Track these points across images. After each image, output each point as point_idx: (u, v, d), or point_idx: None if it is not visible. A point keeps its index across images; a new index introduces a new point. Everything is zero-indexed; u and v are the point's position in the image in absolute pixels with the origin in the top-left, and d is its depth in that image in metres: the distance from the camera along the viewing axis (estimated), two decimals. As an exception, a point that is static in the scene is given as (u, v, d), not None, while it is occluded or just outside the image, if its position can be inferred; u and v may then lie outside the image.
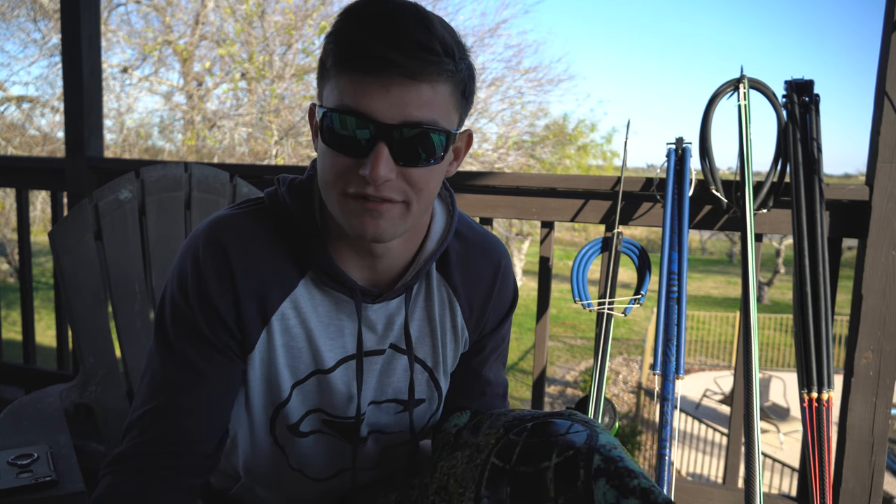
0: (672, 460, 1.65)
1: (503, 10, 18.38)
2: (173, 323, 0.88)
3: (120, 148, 11.32)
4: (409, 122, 0.76)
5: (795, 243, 1.67)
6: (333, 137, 0.78)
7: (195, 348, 0.88)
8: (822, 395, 1.62)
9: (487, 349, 1.05)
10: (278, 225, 0.90)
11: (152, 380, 0.90)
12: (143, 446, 0.87)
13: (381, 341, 0.95)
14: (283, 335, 0.91)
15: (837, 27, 79.11)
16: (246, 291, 0.87)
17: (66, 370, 2.68)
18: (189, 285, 0.87)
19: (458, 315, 0.99)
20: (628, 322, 15.20)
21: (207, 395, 0.89)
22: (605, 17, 78.82)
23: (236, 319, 0.88)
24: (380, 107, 0.75)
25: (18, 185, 2.64)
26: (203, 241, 0.88)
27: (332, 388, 0.94)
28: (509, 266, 1.04)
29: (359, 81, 0.75)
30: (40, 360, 2.92)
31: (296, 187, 0.91)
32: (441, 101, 0.78)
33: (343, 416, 0.97)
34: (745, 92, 1.74)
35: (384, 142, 0.76)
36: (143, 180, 1.55)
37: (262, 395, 0.94)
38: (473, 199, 2.06)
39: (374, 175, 0.76)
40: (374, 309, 0.93)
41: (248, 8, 10.06)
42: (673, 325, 1.69)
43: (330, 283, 0.90)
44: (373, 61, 0.74)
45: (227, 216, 0.90)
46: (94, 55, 2.48)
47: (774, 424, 8.20)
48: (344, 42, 0.76)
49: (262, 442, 0.98)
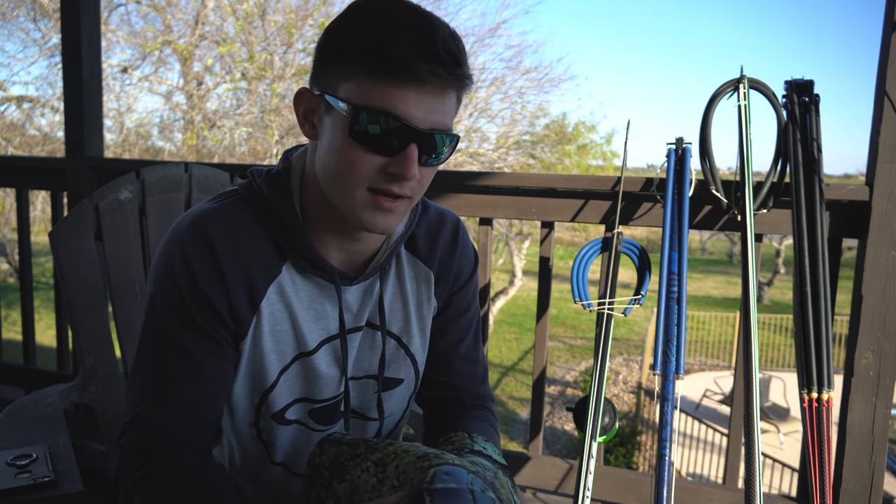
0: (672, 460, 1.65)
1: (503, 10, 18.38)
2: (168, 318, 0.90)
3: (120, 148, 11.31)
4: (437, 128, 0.83)
5: (795, 243, 1.67)
6: (364, 135, 0.81)
7: (192, 339, 0.90)
8: (822, 396, 1.61)
9: (454, 307, 1.09)
10: (257, 214, 0.93)
11: (150, 376, 0.91)
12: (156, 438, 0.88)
13: (357, 319, 1.00)
14: (269, 320, 0.94)
15: (837, 27, 79.12)
16: (235, 280, 0.90)
17: (66, 370, 2.68)
18: (180, 279, 0.88)
19: (431, 285, 1.05)
20: (628, 322, 15.20)
21: (208, 386, 0.91)
22: (606, 17, 78.83)
23: (228, 308, 0.90)
24: (415, 112, 0.81)
25: (18, 185, 2.64)
26: (188, 235, 0.90)
27: (315, 370, 0.97)
28: (464, 228, 1.11)
29: (396, 86, 0.80)
30: (40, 360, 2.92)
31: (272, 178, 0.94)
32: (454, 109, 0.86)
33: (327, 399, 1.00)
34: (745, 92, 1.74)
35: (416, 144, 0.82)
36: (144, 180, 1.55)
37: (247, 382, 0.96)
38: (473, 199, 2.06)
39: (408, 175, 0.82)
40: (351, 290, 0.98)
41: (249, 7, 10.06)
42: (673, 325, 1.69)
43: (310, 268, 0.94)
44: (413, 72, 0.79)
45: (207, 209, 0.93)
46: (94, 55, 2.48)
47: (774, 424, 8.20)
48: (383, 49, 0.79)
49: (245, 435, 1.01)
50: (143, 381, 0.91)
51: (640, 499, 2.00)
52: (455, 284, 1.08)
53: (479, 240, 2.14)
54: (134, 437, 0.89)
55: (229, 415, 0.99)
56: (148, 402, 0.90)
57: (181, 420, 0.90)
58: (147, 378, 0.91)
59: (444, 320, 1.09)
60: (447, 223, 1.07)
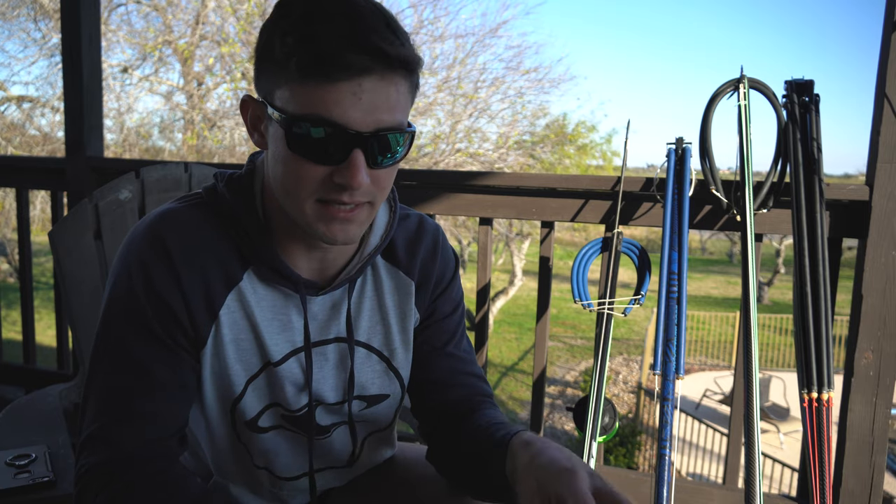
0: (672, 460, 1.65)
1: (504, 10, 18.38)
2: (125, 324, 0.85)
3: (120, 148, 11.31)
4: (381, 128, 0.76)
5: (795, 243, 1.67)
6: (302, 146, 0.76)
7: (148, 349, 0.85)
8: (822, 395, 1.61)
9: (438, 312, 1.03)
10: (219, 219, 0.88)
11: (104, 389, 0.86)
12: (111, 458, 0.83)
13: (324, 331, 0.95)
14: (230, 329, 0.89)
15: (837, 27, 79.12)
16: (191, 284, 0.85)
17: (66, 370, 2.68)
18: (136, 284, 0.84)
19: (412, 296, 0.99)
20: (628, 322, 15.19)
21: (165, 397, 0.86)
22: (606, 17, 78.83)
23: (187, 312, 0.86)
24: (352, 115, 0.74)
25: (18, 185, 2.64)
26: (145, 238, 0.86)
27: (282, 382, 0.93)
28: (443, 233, 1.05)
29: (328, 88, 0.73)
30: (40, 360, 2.92)
31: (234, 182, 0.89)
32: (403, 100, 0.78)
33: (296, 410, 0.96)
34: (745, 92, 1.74)
35: (359, 149, 0.76)
36: (144, 180, 1.55)
37: (214, 390, 0.92)
38: (473, 199, 2.06)
39: (354, 184, 0.76)
40: (317, 301, 0.93)
41: (249, 8, 10.06)
42: (673, 325, 1.69)
43: (274, 276, 0.89)
44: (342, 66, 0.72)
45: (166, 211, 0.88)
46: (94, 55, 2.48)
47: (774, 424, 8.20)
48: (307, 45, 0.73)
49: (224, 440, 0.97)
50: (98, 396, 0.86)
51: (640, 499, 2.00)
52: (437, 289, 1.03)
53: (479, 240, 2.14)
54: (91, 457, 0.84)
55: (205, 421, 0.96)
56: (104, 418, 0.84)
57: (140, 434, 0.85)
58: (102, 392, 0.85)
59: (431, 326, 1.03)
60: (427, 229, 1.02)
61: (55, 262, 1.47)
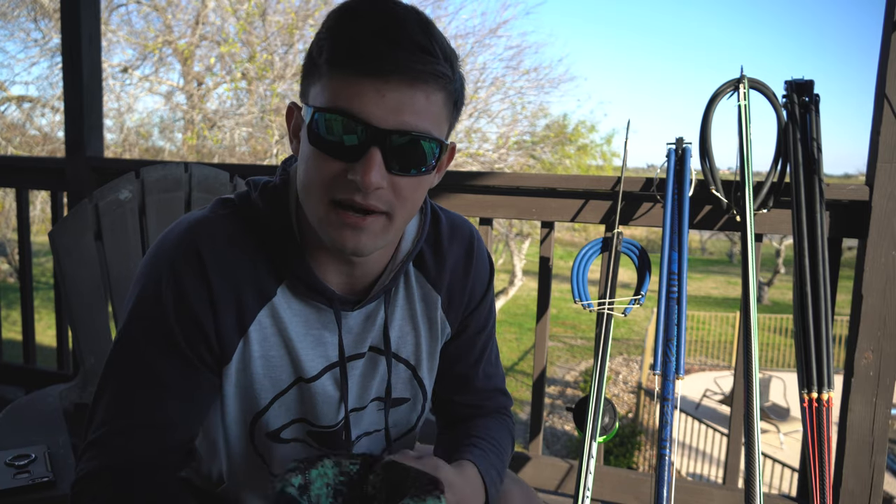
0: (672, 460, 1.65)
1: (504, 10, 18.37)
2: (147, 332, 0.83)
3: (120, 148, 11.30)
4: (403, 128, 0.74)
5: (795, 243, 1.67)
6: (322, 140, 0.75)
7: (167, 359, 0.83)
8: (822, 395, 1.61)
9: (471, 329, 1.02)
10: (253, 230, 0.86)
11: (116, 395, 0.84)
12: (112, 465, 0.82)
13: (359, 345, 0.93)
14: (260, 345, 0.87)
15: (837, 27, 79.11)
16: (223, 301, 0.83)
17: (66, 370, 2.68)
18: (166, 293, 0.82)
19: (438, 309, 0.97)
20: (628, 322, 15.19)
21: (176, 410, 0.84)
22: (606, 17, 78.81)
23: (215, 329, 0.84)
24: (374, 110, 0.72)
25: (18, 185, 2.64)
26: (178, 247, 0.83)
27: (316, 397, 0.91)
28: (480, 239, 1.02)
29: (353, 82, 0.72)
30: (40, 360, 2.92)
31: (269, 191, 0.87)
32: (435, 110, 0.76)
33: (328, 425, 0.94)
34: (745, 92, 1.74)
35: (377, 147, 0.74)
36: (144, 180, 1.55)
37: (238, 405, 0.91)
38: (473, 200, 2.06)
39: (366, 181, 0.73)
40: (352, 315, 0.91)
41: (250, 8, 10.06)
42: (673, 325, 1.69)
43: (308, 292, 0.87)
44: (369, 60, 0.71)
45: (200, 219, 0.86)
46: (94, 55, 2.48)
47: (774, 424, 8.20)
48: (338, 38, 0.73)
49: (241, 450, 0.95)
50: (108, 401, 0.84)
51: (640, 499, 1.99)
52: (469, 305, 1.00)
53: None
54: (92, 461, 0.82)
55: (224, 431, 0.94)
56: (112, 424, 0.83)
57: (145, 444, 0.83)
58: (113, 398, 0.84)
59: (462, 342, 1.02)
60: (460, 238, 0.98)
61: (55, 263, 1.47)
